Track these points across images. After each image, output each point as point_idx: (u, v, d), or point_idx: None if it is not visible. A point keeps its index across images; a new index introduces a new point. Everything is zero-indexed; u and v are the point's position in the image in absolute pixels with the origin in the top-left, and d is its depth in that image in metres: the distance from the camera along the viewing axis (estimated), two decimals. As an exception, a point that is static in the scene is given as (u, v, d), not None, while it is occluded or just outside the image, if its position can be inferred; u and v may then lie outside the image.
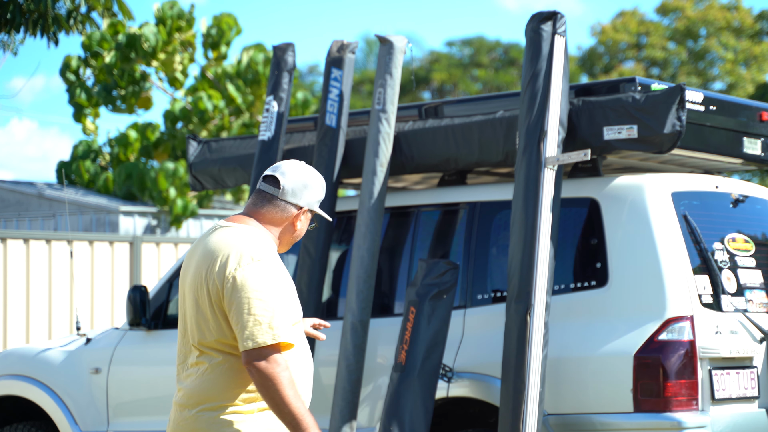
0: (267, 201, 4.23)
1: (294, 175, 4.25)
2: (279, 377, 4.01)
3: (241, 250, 4.11)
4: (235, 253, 4.10)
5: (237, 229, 4.18)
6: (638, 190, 6.22)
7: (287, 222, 4.25)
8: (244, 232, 4.17)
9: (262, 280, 4.09)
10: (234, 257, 4.09)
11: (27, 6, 11.06)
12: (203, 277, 4.13)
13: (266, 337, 4.03)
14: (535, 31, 6.24)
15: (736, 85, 37.78)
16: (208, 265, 4.12)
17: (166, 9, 25.18)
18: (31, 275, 12.55)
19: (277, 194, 4.22)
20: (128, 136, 26.58)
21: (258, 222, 4.23)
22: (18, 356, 8.12)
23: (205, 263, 4.13)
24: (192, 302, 4.18)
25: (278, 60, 7.35)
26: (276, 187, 4.23)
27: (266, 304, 4.07)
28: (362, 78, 44.22)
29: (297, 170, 4.26)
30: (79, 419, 7.69)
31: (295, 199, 4.24)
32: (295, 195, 4.23)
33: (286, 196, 4.23)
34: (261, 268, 4.09)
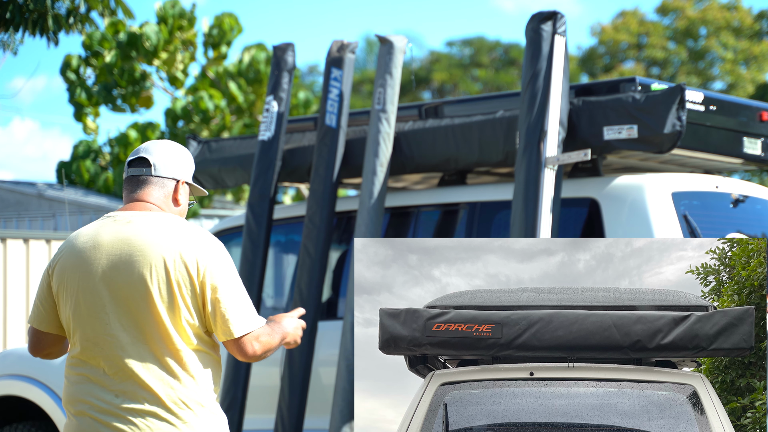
0: (144, 183, 4.12)
1: (160, 150, 4.17)
2: (269, 345, 4.06)
3: (195, 236, 4.03)
4: (193, 241, 4.01)
5: (157, 216, 4.06)
6: (638, 190, 6.22)
7: (173, 197, 4.17)
8: (168, 218, 4.07)
9: (228, 260, 4.06)
10: (200, 247, 4.00)
11: (27, 6, 11.05)
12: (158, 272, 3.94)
13: (256, 320, 4.05)
14: (535, 31, 6.24)
15: (736, 85, 37.75)
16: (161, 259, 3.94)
17: (167, 8, 25.17)
18: (31, 275, 12.55)
19: (150, 173, 4.12)
20: (128, 135, 26.56)
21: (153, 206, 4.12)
22: (18, 356, 8.12)
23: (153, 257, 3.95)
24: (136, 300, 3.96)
25: (278, 60, 7.35)
26: (147, 166, 4.13)
27: (242, 288, 4.06)
28: (362, 78, 44.20)
29: (162, 145, 4.19)
30: (79, 419, 7.70)
31: (168, 172, 4.14)
32: (166, 168, 4.14)
33: (158, 171, 4.13)
34: (222, 249, 4.07)
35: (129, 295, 3.95)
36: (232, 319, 3.98)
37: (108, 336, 3.96)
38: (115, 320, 3.96)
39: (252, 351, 4.02)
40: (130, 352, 3.95)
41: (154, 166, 4.10)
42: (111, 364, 3.96)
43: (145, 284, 3.93)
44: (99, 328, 3.97)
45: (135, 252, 3.96)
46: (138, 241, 3.97)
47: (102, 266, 3.98)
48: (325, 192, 6.97)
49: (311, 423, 6.73)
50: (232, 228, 7.62)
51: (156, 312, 3.94)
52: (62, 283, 4.05)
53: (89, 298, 3.99)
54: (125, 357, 3.95)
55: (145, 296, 3.94)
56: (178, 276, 3.94)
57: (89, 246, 4.02)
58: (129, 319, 3.96)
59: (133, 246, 3.97)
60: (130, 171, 4.11)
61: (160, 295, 3.94)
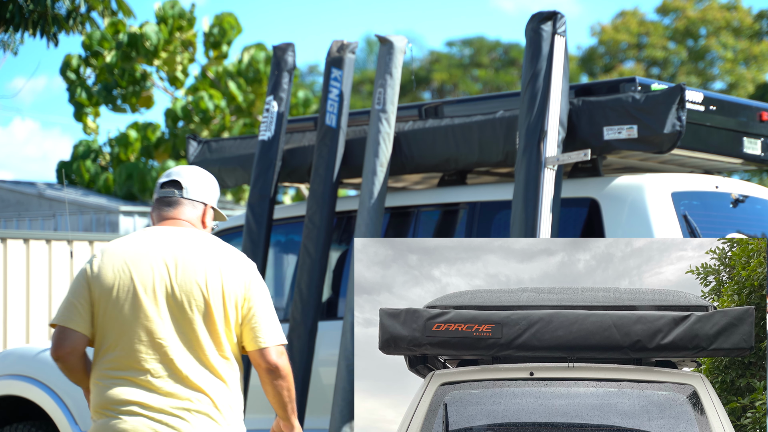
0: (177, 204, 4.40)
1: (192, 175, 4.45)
2: (289, 371, 4.33)
3: (239, 256, 4.33)
4: (239, 260, 4.32)
5: (203, 234, 4.37)
6: (638, 190, 6.22)
7: (201, 219, 4.44)
8: (211, 237, 4.37)
9: (263, 281, 4.39)
10: (242, 261, 4.31)
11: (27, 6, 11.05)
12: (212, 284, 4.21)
13: (282, 334, 4.35)
14: (535, 31, 6.23)
15: (736, 84, 37.76)
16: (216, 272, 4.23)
17: (167, 8, 25.17)
18: (31, 275, 12.55)
19: (183, 195, 4.40)
20: (128, 135, 26.56)
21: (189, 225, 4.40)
22: (18, 356, 8.12)
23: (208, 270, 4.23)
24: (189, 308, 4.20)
25: (278, 60, 7.35)
26: (180, 189, 4.41)
27: (272, 306, 4.37)
28: (362, 78, 44.20)
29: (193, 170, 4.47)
30: (79, 419, 7.69)
31: (198, 196, 4.42)
32: (197, 193, 4.42)
33: (189, 194, 4.41)
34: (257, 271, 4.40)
35: (181, 303, 4.18)
36: (265, 329, 4.26)
37: (159, 340, 4.17)
38: (167, 326, 4.18)
39: (275, 360, 4.26)
40: (179, 357, 4.16)
41: (186, 189, 4.37)
42: (160, 368, 4.17)
43: (199, 293, 4.18)
44: (149, 334, 4.17)
45: (188, 263, 4.21)
46: (189, 253, 4.23)
47: (153, 275, 4.19)
48: (325, 192, 6.97)
49: (311, 423, 6.73)
50: (232, 228, 7.62)
51: (206, 320, 4.19)
52: (105, 288, 4.22)
53: (139, 304, 4.19)
54: (175, 361, 4.16)
55: (198, 304, 4.18)
56: (228, 288, 4.21)
57: (137, 255, 4.23)
58: (179, 326, 4.18)
59: (184, 257, 4.22)
60: (162, 192, 4.38)
61: (213, 304, 4.19)
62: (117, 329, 4.23)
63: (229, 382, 4.26)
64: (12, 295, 12.42)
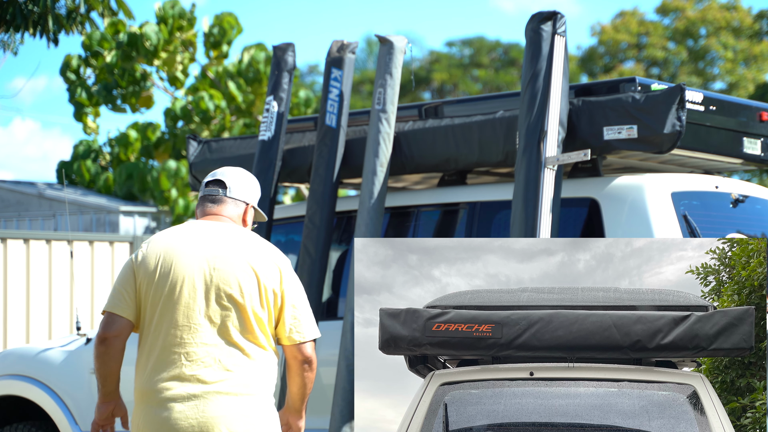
0: (220, 202, 4.64)
1: (237, 176, 4.70)
2: (314, 367, 4.58)
3: (277, 253, 4.55)
4: (275, 253, 4.54)
5: (244, 230, 4.58)
6: (638, 190, 6.22)
7: (243, 218, 4.67)
8: (252, 234, 4.58)
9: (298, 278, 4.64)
10: (277, 257, 4.53)
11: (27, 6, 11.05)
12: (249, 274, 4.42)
13: (316, 330, 4.59)
14: (535, 31, 6.23)
15: (737, 84, 37.76)
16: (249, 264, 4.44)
17: (167, 8, 25.17)
18: (32, 275, 12.55)
19: (227, 194, 4.64)
20: (128, 135, 26.55)
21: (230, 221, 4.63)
22: (18, 356, 8.12)
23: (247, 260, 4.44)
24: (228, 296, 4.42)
25: (278, 60, 7.35)
26: (224, 188, 4.66)
27: (307, 301, 4.60)
28: (362, 78, 44.20)
29: (237, 171, 4.72)
30: (79, 419, 7.69)
31: (240, 196, 4.66)
32: (239, 193, 4.66)
33: (232, 193, 4.65)
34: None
35: (217, 293, 4.40)
36: (301, 323, 4.51)
37: (195, 326, 4.39)
38: (202, 313, 4.39)
39: (310, 354, 4.53)
40: (213, 342, 4.38)
41: (229, 188, 4.62)
42: (195, 352, 4.39)
43: (236, 284, 4.40)
44: (186, 319, 4.39)
45: (225, 255, 4.43)
46: (227, 246, 4.45)
47: (192, 265, 4.42)
48: (325, 192, 6.97)
49: (311, 423, 6.73)
50: (232, 228, 7.62)
51: (240, 309, 4.40)
52: (148, 276, 4.46)
53: (178, 291, 4.41)
54: (209, 346, 4.38)
55: (233, 294, 4.39)
56: (263, 280, 4.43)
57: (178, 245, 4.46)
58: (214, 313, 4.39)
59: (222, 249, 4.44)
60: (207, 190, 4.64)
61: (247, 295, 4.40)
62: (157, 314, 4.45)
63: (262, 367, 4.45)
64: (12, 295, 12.42)
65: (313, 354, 4.56)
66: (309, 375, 4.57)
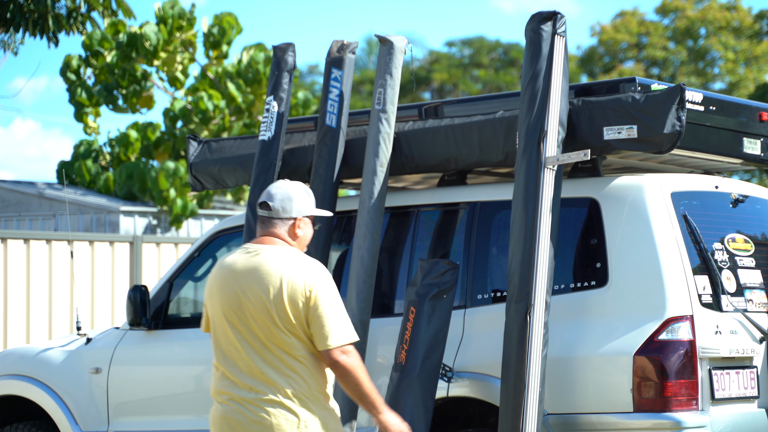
0: (270, 223, 5.09)
1: (279, 194, 5.11)
2: (360, 367, 4.92)
3: (305, 265, 4.97)
4: (303, 268, 4.96)
5: (279, 249, 5.02)
6: (638, 190, 6.22)
7: (292, 232, 5.10)
8: (287, 251, 5.02)
9: (332, 286, 4.99)
10: (306, 272, 4.95)
11: (27, 6, 11.06)
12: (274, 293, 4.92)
13: (350, 334, 4.95)
14: (535, 32, 6.23)
15: (737, 85, 37.77)
16: (278, 283, 4.92)
17: (166, 8, 25.17)
18: (32, 275, 12.55)
19: (273, 215, 5.09)
20: (129, 135, 26.56)
21: (279, 240, 5.08)
22: (18, 356, 8.12)
23: (272, 281, 4.93)
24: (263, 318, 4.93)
25: (278, 60, 7.34)
26: (268, 209, 5.09)
27: (341, 306, 4.98)
28: (362, 78, 44.22)
29: (281, 189, 5.12)
30: (80, 419, 7.70)
31: (286, 213, 5.09)
32: (285, 211, 5.08)
33: (279, 214, 5.09)
34: (328, 276, 5.00)
35: (254, 311, 4.93)
36: (327, 331, 4.90)
37: (239, 343, 4.96)
38: (245, 331, 4.95)
39: (336, 358, 4.89)
40: (256, 357, 4.93)
41: (274, 209, 5.09)
42: (243, 365, 4.95)
43: (265, 302, 4.92)
44: (233, 337, 4.97)
45: (259, 277, 4.96)
46: (261, 269, 4.97)
47: (235, 288, 4.99)
48: (325, 192, 6.97)
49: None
50: (232, 228, 7.62)
51: (274, 324, 4.91)
52: (208, 299, 5.11)
53: (223, 313, 5.01)
54: (253, 360, 4.93)
55: (266, 311, 4.91)
56: (290, 295, 4.90)
57: (228, 271, 5.05)
58: (254, 330, 4.94)
59: (257, 272, 4.97)
60: (260, 212, 5.12)
61: (276, 310, 4.90)
62: (216, 332, 5.07)
63: (303, 377, 4.90)
64: (12, 295, 12.43)
65: (342, 358, 4.89)
66: (346, 381, 4.91)
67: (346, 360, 4.89)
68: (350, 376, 4.90)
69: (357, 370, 4.91)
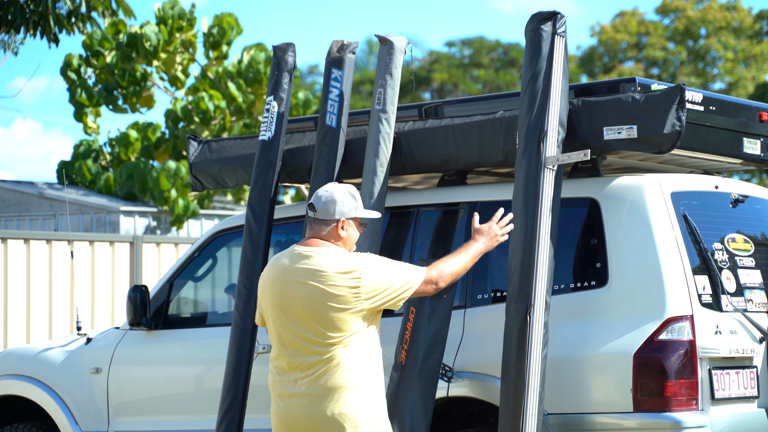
0: (315, 224, 5.36)
1: (323, 197, 5.38)
2: (446, 265, 5.46)
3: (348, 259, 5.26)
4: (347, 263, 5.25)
5: (324, 250, 5.29)
6: (638, 190, 6.23)
7: (336, 234, 5.37)
8: (332, 250, 5.29)
9: (379, 259, 5.32)
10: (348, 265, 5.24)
11: (28, 6, 11.06)
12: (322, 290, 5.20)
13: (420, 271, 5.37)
14: (535, 32, 6.23)
15: (736, 84, 37.76)
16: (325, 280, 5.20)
17: (166, 9, 25.17)
18: (32, 275, 12.55)
19: (318, 217, 5.35)
20: (129, 136, 26.56)
21: (323, 241, 5.34)
22: (18, 356, 8.13)
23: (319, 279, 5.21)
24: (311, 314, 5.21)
25: (278, 60, 7.34)
26: (313, 211, 5.36)
27: (397, 264, 5.36)
28: (362, 78, 44.22)
29: (326, 192, 5.39)
30: (80, 419, 7.70)
31: (330, 215, 5.35)
32: (329, 213, 5.34)
33: (323, 216, 5.35)
34: (372, 257, 5.32)
35: (303, 308, 5.21)
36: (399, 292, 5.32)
37: (293, 338, 5.24)
38: (292, 328, 5.23)
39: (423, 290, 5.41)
40: (308, 351, 5.21)
41: (318, 212, 5.37)
42: (297, 360, 5.22)
43: (313, 300, 5.20)
44: (287, 332, 5.26)
45: (304, 276, 5.24)
46: (307, 268, 5.24)
47: (286, 286, 5.27)
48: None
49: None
50: (233, 228, 7.62)
51: (322, 320, 5.18)
52: (261, 296, 5.41)
53: (276, 311, 5.30)
54: (306, 354, 5.20)
55: (314, 308, 5.19)
56: (338, 290, 5.19)
57: (280, 270, 5.33)
58: (305, 327, 5.21)
59: (305, 272, 5.24)
60: (308, 213, 5.38)
61: (324, 308, 5.18)
62: (269, 328, 5.40)
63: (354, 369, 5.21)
64: (12, 295, 12.43)
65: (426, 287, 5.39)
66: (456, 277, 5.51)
67: (435, 274, 5.38)
68: (442, 281, 5.41)
69: (440, 279, 5.39)
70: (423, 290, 5.40)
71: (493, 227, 5.70)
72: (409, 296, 5.37)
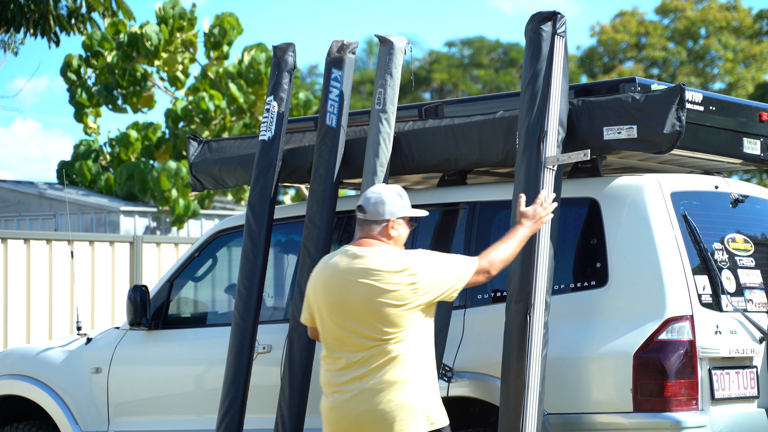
0: (366, 225, 5.44)
1: (372, 198, 5.45)
2: (497, 260, 5.43)
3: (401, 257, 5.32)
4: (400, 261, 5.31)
5: (376, 250, 5.36)
6: (638, 190, 6.23)
7: (386, 233, 5.43)
8: (384, 249, 5.36)
9: (432, 254, 5.39)
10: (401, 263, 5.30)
11: (28, 6, 11.07)
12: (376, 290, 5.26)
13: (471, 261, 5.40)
14: (535, 32, 6.24)
15: (736, 84, 37.76)
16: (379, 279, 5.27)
17: (167, 8, 25.17)
18: (32, 275, 12.55)
19: (368, 218, 5.43)
20: (129, 136, 26.56)
21: (375, 240, 5.41)
22: (18, 356, 8.13)
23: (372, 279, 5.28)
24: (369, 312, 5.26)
25: (279, 60, 7.34)
26: (363, 212, 5.44)
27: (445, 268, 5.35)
28: (362, 78, 44.22)
29: (374, 193, 5.47)
30: (80, 419, 7.70)
31: (380, 216, 5.42)
32: (378, 213, 5.41)
33: (373, 216, 5.43)
34: (424, 252, 5.37)
35: (358, 308, 5.28)
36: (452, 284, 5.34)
37: (346, 337, 5.32)
38: (349, 326, 5.30)
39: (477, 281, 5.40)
40: (360, 348, 5.28)
41: (368, 213, 5.45)
42: (349, 358, 5.30)
43: (367, 299, 5.26)
44: (339, 332, 5.33)
45: (360, 275, 5.31)
46: (361, 269, 5.32)
47: (339, 287, 5.35)
48: (325, 192, 6.97)
49: (311, 423, 6.74)
50: (233, 228, 7.62)
51: (376, 319, 5.24)
52: (312, 296, 5.47)
53: (331, 310, 5.36)
54: (358, 351, 5.28)
55: (369, 308, 5.26)
56: (391, 288, 5.25)
57: (332, 271, 5.40)
58: (358, 326, 5.28)
59: (358, 272, 5.31)
60: (358, 215, 5.47)
61: (379, 306, 5.25)
62: (320, 328, 5.44)
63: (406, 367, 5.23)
64: (12, 295, 12.43)
65: (478, 276, 5.37)
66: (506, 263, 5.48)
67: (486, 263, 5.38)
68: (493, 270, 5.41)
69: (491, 268, 5.39)
70: (475, 280, 5.42)
71: (538, 209, 5.63)
72: (462, 287, 5.41)
